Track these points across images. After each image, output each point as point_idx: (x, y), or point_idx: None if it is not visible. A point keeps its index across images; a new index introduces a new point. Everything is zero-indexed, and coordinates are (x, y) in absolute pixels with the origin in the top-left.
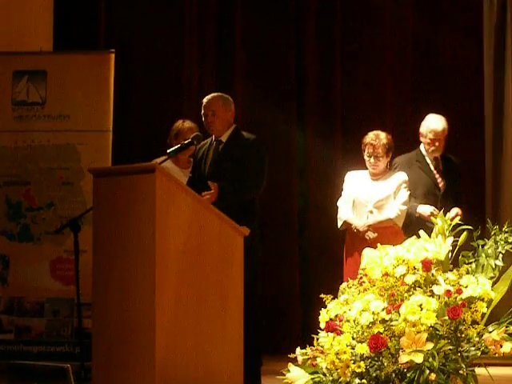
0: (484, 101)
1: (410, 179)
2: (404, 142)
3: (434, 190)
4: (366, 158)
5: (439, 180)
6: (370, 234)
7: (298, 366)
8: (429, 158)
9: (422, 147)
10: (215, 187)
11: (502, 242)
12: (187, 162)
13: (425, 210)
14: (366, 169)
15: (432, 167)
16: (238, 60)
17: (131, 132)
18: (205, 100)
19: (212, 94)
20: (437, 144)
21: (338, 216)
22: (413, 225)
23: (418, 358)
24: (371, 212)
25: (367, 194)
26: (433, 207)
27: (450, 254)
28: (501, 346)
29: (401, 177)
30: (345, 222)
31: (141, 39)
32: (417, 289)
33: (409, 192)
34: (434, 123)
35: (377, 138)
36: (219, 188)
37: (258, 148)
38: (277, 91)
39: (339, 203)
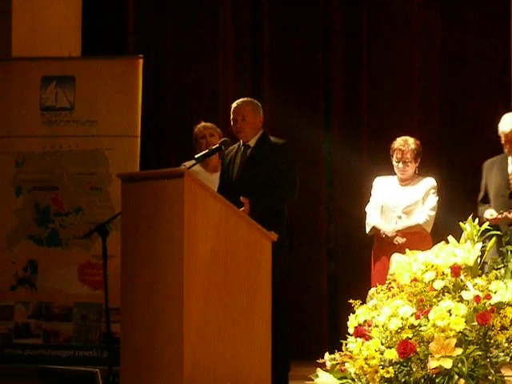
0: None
1: (488, 181)
2: (430, 147)
3: (504, 191)
4: (394, 163)
5: None
6: (399, 239)
7: (326, 371)
8: (510, 160)
9: None
10: (247, 203)
11: None
12: (216, 165)
13: (487, 214)
14: (394, 174)
15: (509, 168)
16: (266, 67)
17: (159, 137)
18: (234, 105)
19: (242, 99)
20: (508, 146)
21: (367, 222)
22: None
23: (447, 364)
24: (400, 217)
25: (395, 200)
26: (495, 210)
27: (479, 260)
28: None
29: (429, 182)
30: (373, 228)
31: (169, 44)
32: (445, 294)
33: (437, 197)
34: (503, 125)
35: (405, 143)
36: (251, 203)
37: (286, 152)
38: (304, 97)
39: (367, 209)
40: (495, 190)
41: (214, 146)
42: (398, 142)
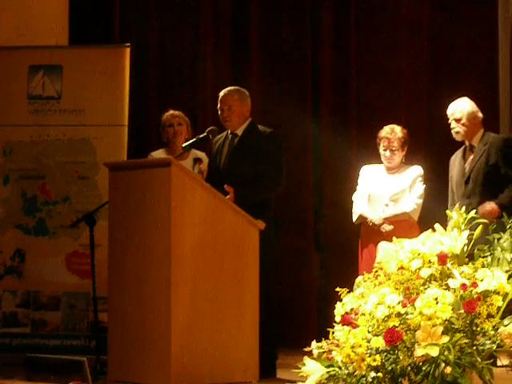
0: (499, 96)
1: (452, 174)
2: (418, 136)
3: (461, 180)
4: (381, 151)
5: None
6: (386, 227)
7: (313, 359)
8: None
9: None
10: (232, 191)
11: None
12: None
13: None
14: (381, 163)
15: (466, 158)
16: (253, 53)
17: (146, 126)
18: (221, 94)
19: (228, 88)
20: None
21: (353, 210)
22: None
23: (434, 352)
24: (387, 205)
25: (382, 188)
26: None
27: (466, 248)
28: None
29: (416, 170)
30: (360, 216)
31: (156, 33)
32: (432, 282)
33: (424, 185)
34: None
35: (392, 131)
36: (236, 192)
37: (274, 141)
38: (292, 85)
39: (354, 197)
40: (456, 180)
41: (202, 135)
42: (385, 131)
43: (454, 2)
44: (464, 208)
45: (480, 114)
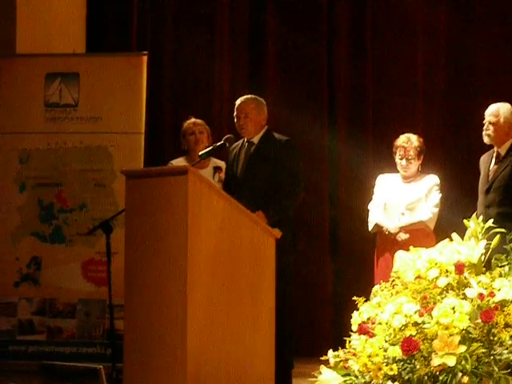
0: None
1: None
2: (435, 145)
3: (484, 187)
4: (397, 160)
5: None
6: (402, 236)
7: (330, 368)
8: (494, 154)
9: None
10: (262, 216)
11: None
12: (203, 162)
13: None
14: (397, 172)
15: (492, 164)
16: (270, 63)
17: (163, 134)
18: (237, 102)
19: (245, 96)
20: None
21: (369, 219)
22: None
23: (451, 361)
24: (403, 214)
25: (398, 197)
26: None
27: (483, 257)
28: None
29: (433, 179)
30: (376, 225)
31: (173, 41)
32: (449, 291)
33: (440, 195)
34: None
35: (408, 140)
36: (265, 214)
37: (291, 149)
38: (308, 95)
39: (370, 206)
40: (480, 186)
41: (219, 143)
42: (401, 139)
43: (471, 4)
44: (482, 217)
45: None
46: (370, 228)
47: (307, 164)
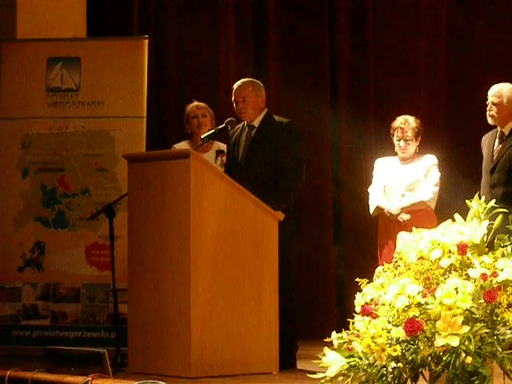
0: None
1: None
2: (437, 127)
3: (489, 167)
4: (395, 142)
5: None
6: (404, 216)
7: (333, 350)
8: (497, 134)
9: None
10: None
11: None
12: (206, 145)
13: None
14: (396, 155)
15: (496, 143)
16: (272, 46)
17: (165, 118)
18: (235, 86)
19: (242, 80)
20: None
21: (370, 202)
22: None
23: (454, 342)
24: (403, 195)
25: (397, 179)
26: (482, 186)
27: (486, 238)
28: None
29: (430, 159)
30: (377, 208)
31: (174, 25)
32: (452, 272)
33: (440, 173)
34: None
35: (406, 121)
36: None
37: (291, 131)
38: (310, 77)
39: (370, 190)
40: (484, 166)
41: (220, 126)
42: (399, 121)
43: None
44: (485, 197)
45: None
46: (371, 211)
47: (310, 147)
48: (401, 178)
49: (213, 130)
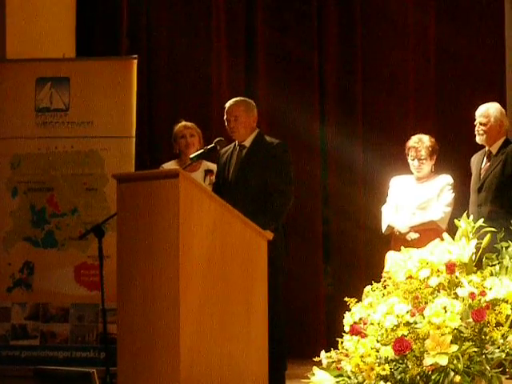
0: (506, 102)
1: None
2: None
3: (476, 186)
4: (409, 161)
5: None
6: (412, 235)
7: (322, 369)
8: (486, 153)
9: None
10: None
11: None
12: (194, 165)
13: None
14: (411, 173)
15: (483, 162)
16: (261, 60)
17: (155, 138)
18: (227, 105)
19: (234, 99)
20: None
21: (382, 220)
22: None
23: (443, 361)
24: (414, 214)
25: (411, 197)
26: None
27: (474, 257)
28: None
29: (445, 179)
30: (388, 226)
31: (164, 45)
32: (441, 291)
33: (453, 194)
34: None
35: (420, 140)
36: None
37: (281, 152)
38: (299, 94)
39: (383, 208)
40: (472, 185)
41: (210, 146)
42: (413, 140)
43: (460, 11)
44: (472, 216)
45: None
46: (383, 230)
47: (299, 163)
48: (414, 196)
49: (202, 150)
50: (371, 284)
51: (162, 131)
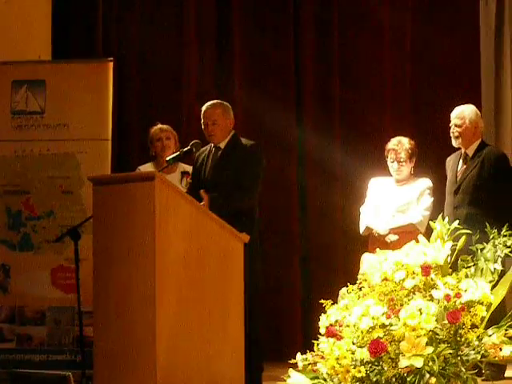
0: (481, 104)
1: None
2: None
3: (452, 188)
4: (389, 163)
5: None
6: (391, 237)
7: (298, 371)
8: (462, 155)
9: None
10: (206, 198)
11: (501, 246)
12: (170, 167)
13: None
14: (390, 175)
15: (459, 164)
16: (237, 63)
17: (130, 140)
18: (204, 108)
19: (211, 102)
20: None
21: (361, 221)
22: None
23: (418, 362)
24: (393, 216)
25: (390, 200)
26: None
27: (449, 259)
28: (500, 350)
29: (425, 182)
30: (367, 228)
31: (139, 47)
32: (416, 293)
33: (432, 198)
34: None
35: (399, 143)
36: (210, 199)
37: (254, 153)
38: (275, 88)
39: (362, 209)
40: (447, 187)
41: (186, 148)
42: (392, 143)
43: (437, 12)
44: (448, 218)
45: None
46: (361, 231)
47: (277, 157)
48: (393, 199)
49: (178, 153)
50: (347, 286)
51: (135, 134)
